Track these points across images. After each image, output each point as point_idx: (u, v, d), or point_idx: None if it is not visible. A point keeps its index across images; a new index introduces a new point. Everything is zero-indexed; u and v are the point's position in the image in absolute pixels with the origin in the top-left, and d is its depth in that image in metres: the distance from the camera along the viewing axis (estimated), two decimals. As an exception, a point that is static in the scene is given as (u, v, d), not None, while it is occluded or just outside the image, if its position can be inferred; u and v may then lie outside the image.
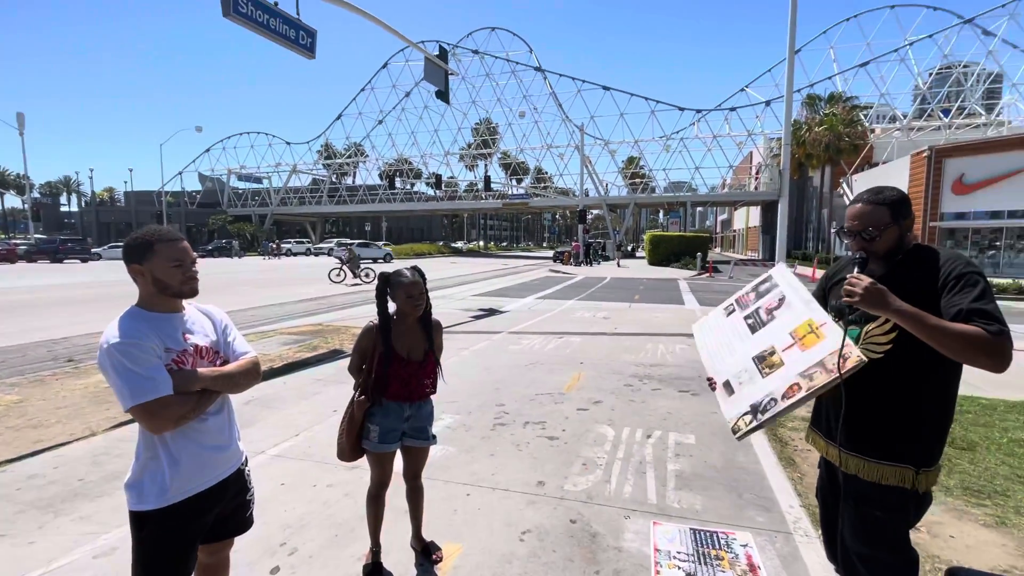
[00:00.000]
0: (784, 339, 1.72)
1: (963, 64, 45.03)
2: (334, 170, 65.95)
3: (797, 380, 1.60)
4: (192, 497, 1.60)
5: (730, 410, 1.75)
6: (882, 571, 1.63)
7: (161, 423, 1.49)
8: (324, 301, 13.92)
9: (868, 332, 1.66)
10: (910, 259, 1.66)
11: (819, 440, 1.87)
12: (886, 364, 1.60)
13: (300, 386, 5.60)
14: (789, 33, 11.64)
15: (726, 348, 1.93)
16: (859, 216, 1.69)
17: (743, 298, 2.04)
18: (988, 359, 1.39)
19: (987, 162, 23.94)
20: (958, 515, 3.01)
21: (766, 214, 45.31)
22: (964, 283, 1.50)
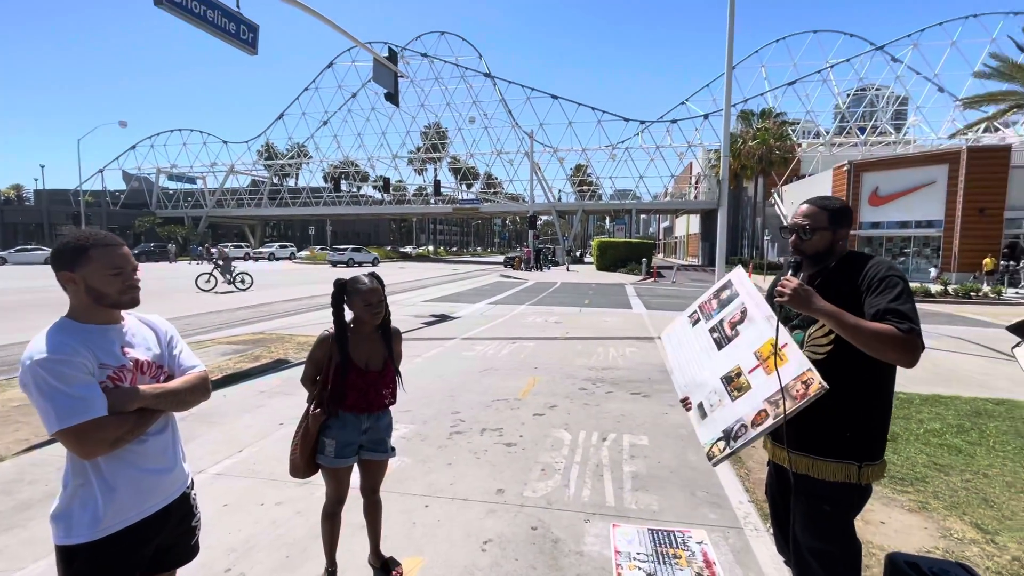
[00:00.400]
0: (749, 360, 1.77)
1: (876, 87, 49.43)
2: (275, 171, 63.23)
3: (764, 407, 1.65)
4: (130, 527, 1.45)
5: (704, 434, 1.80)
6: (831, 563, 1.73)
7: (93, 447, 1.34)
8: (265, 308, 13.27)
9: (811, 335, 1.77)
10: (843, 264, 1.79)
11: (767, 443, 1.96)
12: (827, 366, 1.69)
13: (242, 399, 5.28)
14: (727, 51, 12.31)
15: (695, 365, 1.97)
16: (803, 214, 1.84)
17: (706, 305, 2.09)
18: (898, 354, 1.52)
19: (898, 177, 26.30)
20: (886, 502, 3.25)
21: (705, 222, 47.58)
22: (885, 285, 1.63)
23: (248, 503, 3.16)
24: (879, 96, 49.30)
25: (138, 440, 1.45)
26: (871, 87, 49.34)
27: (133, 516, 1.46)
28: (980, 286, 19.33)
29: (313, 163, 63.84)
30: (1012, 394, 5.81)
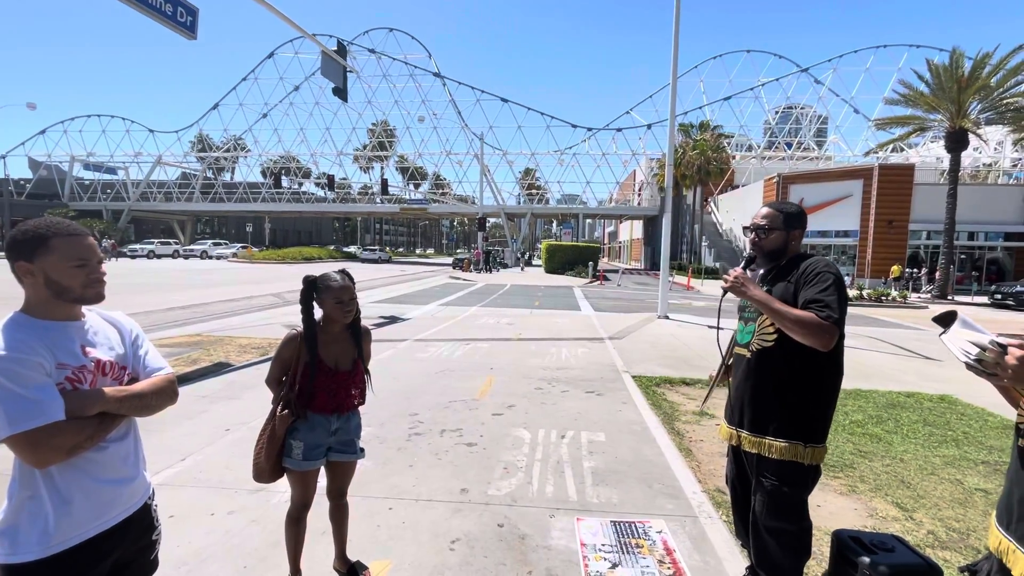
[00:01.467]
0: None
1: (801, 106, 53.41)
2: (209, 164, 59.51)
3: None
4: (86, 542, 1.33)
5: None
6: (787, 540, 1.88)
7: (47, 455, 1.22)
8: (199, 309, 12.46)
9: (760, 324, 1.97)
10: (791, 262, 2.01)
11: (725, 428, 2.15)
12: (774, 352, 1.91)
13: (181, 404, 4.87)
14: (672, 66, 12.90)
15: None
16: (763, 216, 2.06)
17: None
18: (814, 338, 1.73)
19: (821, 189, 28.51)
20: (821, 487, 3.53)
21: (648, 227, 49.48)
22: (817, 279, 1.85)
23: (197, 513, 2.98)
24: (804, 114, 53.36)
25: (97, 448, 1.33)
26: (797, 106, 53.31)
27: (90, 530, 1.34)
28: (889, 291, 21.32)
29: (251, 157, 60.68)
30: (918, 387, 6.46)
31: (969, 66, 20.87)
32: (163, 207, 54.64)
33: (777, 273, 2.02)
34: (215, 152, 59.93)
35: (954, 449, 4.34)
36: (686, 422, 4.88)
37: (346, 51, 14.78)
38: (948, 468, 3.93)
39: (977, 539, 2.91)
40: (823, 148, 52.39)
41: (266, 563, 2.51)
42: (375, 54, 56.20)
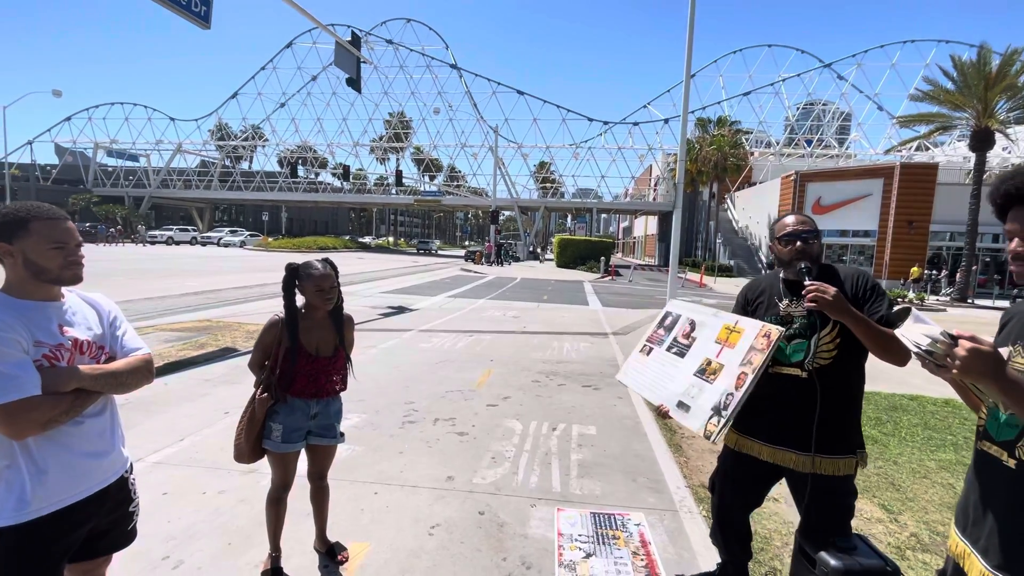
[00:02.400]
0: (713, 348, 1.97)
1: (823, 102, 52.25)
2: (227, 152, 60.32)
3: (742, 369, 1.83)
4: (61, 510, 1.40)
5: (694, 422, 1.89)
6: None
7: (22, 428, 1.29)
8: (212, 295, 12.73)
9: (819, 342, 1.86)
10: (823, 273, 1.91)
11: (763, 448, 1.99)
12: (832, 369, 1.85)
13: (185, 387, 5.10)
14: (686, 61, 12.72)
15: (664, 377, 2.10)
16: (800, 222, 1.96)
17: (653, 336, 2.29)
18: (901, 356, 1.72)
19: (839, 188, 27.95)
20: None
21: (663, 223, 49.03)
22: (877, 294, 1.84)
23: (189, 491, 3.08)
24: (825, 111, 52.17)
25: (73, 422, 1.41)
26: (818, 102, 52.17)
27: (65, 499, 1.41)
28: (907, 292, 20.88)
29: (269, 146, 61.36)
30: (924, 391, 6.36)
31: (997, 62, 20.20)
32: (182, 194, 55.60)
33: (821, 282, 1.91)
34: (233, 141, 60.69)
35: (952, 453, 4.27)
36: (680, 418, 4.88)
37: (360, 42, 14.85)
38: (942, 472, 3.88)
39: (961, 543, 2.88)
40: (844, 146, 51.24)
41: (250, 540, 2.60)
42: (392, 45, 56.27)
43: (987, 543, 1.19)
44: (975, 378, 1.07)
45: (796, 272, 1.90)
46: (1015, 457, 1.15)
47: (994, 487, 1.21)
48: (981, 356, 1.04)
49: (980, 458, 1.26)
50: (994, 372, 1.04)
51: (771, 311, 1.99)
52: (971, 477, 1.30)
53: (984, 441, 1.25)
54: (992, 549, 1.18)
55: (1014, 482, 1.15)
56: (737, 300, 2.20)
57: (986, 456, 1.24)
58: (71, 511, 1.43)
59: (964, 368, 1.05)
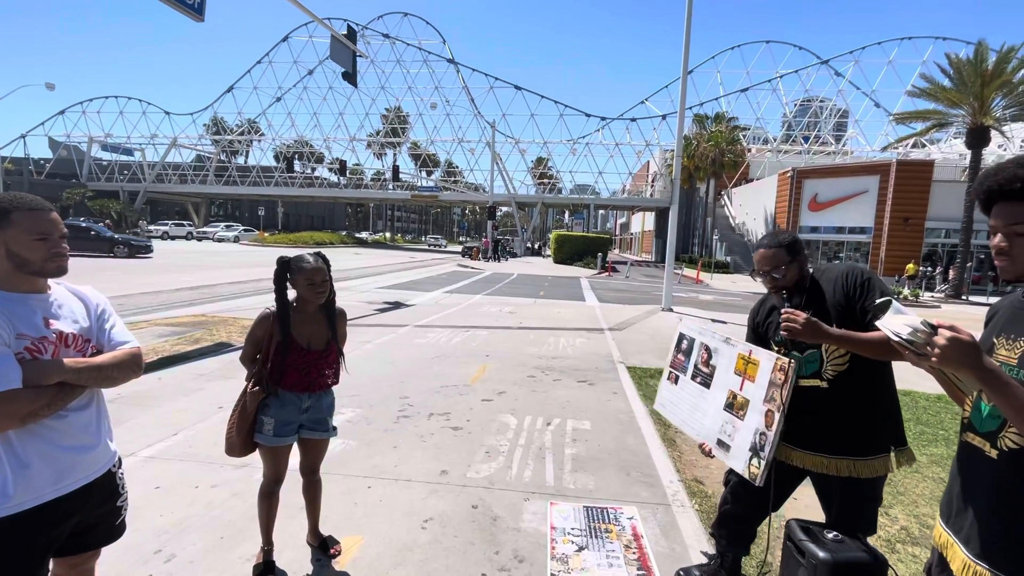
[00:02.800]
0: (734, 380, 2.02)
1: (820, 99, 52.27)
2: (223, 147, 59.99)
3: (767, 407, 1.88)
4: (45, 504, 1.38)
5: (737, 463, 1.97)
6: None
7: (1, 421, 1.27)
8: (207, 290, 12.68)
9: (829, 352, 1.89)
10: (815, 283, 1.95)
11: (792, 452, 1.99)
12: (848, 376, 1.86)
13: (179, 382, 5.08)
14: (683, 55, 12.70)
15: (697, 412, 2.18)
16: (763, 260, 1.97)
17: (675, 362, 2.36)
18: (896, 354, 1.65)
19: (836, 185, 28.02)
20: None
21: (660, 220, 49.06)
22: (867, 289, 1.81)
23: (182, 486, 3.08)
24: (823, 108, 52.20)
25: (56, 416, 1.39)
26: (816, 99, 52.19)
27: (48, 493, 1.39)
28: (902, 289, 20.98)
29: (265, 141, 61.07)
30: (917, 386, 6.39)
31: (993, 60, 20.24)
32: (178, 189, 55.30)
33: (809, 298, 1.93)
34: (229, 135, 60.35)
35: (943, 448, 4.31)
36: (674, 413, 4.90)
37: (356, 36, 14.76)
38: (933, 467, 3.91)
39: (950, 537, 2.91)
40: (841, 142, 51.32)
41: (243, 534, 2.59)
42: (389, 39, 56.02)
43: (969, 532, 1.21)
44: (954, 367, 1.07)
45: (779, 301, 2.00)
46: (997, 448, 1.16)
47: (977, 477, 1.22)
48: (960, 345, 1.05)
49: (964, 449, 1.27)
50: (973, 361, 1.05)
51: (779, 331, 1.95)
52: (955, 469, 1.31)
53: (968, 433, 1.26)
54: (973, 538, 1.19)
55: (996, 472, 1.16)
56: (748, 325, 2.23)
57: (970, 447, 1.25)
58: (55, 505, 1.41)
59: (943, 357, 1.06)
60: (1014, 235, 1.16)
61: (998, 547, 1.14)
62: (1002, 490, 1.15)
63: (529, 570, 2.42)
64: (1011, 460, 1.13)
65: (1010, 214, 1.16)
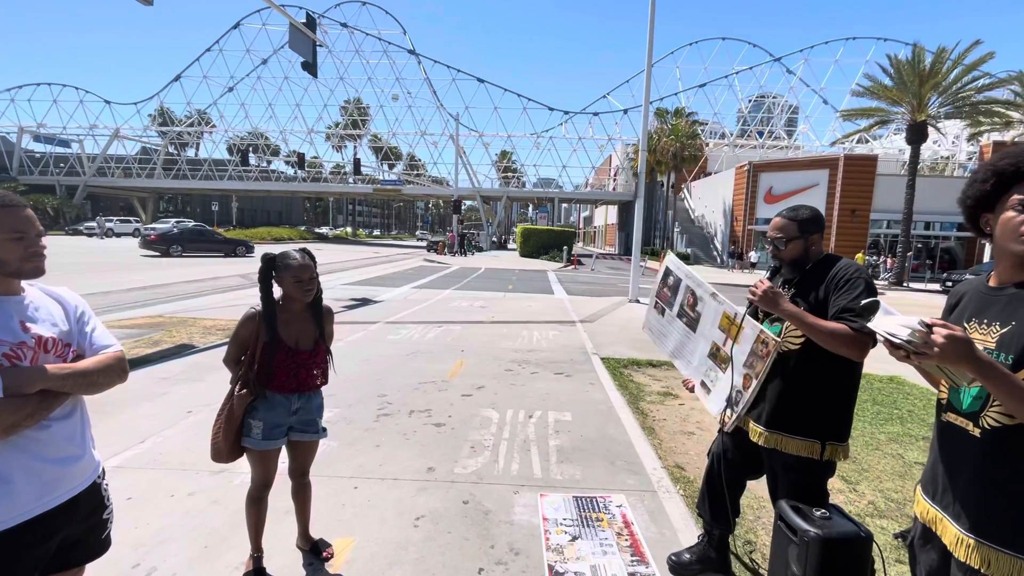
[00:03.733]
0: (718, 335, 2.10)
1: (773, 95, 54.30)
2: (171, 139, 56.95)
3: (746, 372, 1.97)
4: (29, 521, 1.30)
5: (712, 407, 2.06)
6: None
7: None
8: (162, 290, 12.07)
9: (787, 327, 1.96)
10: (817, 266, 1.99)
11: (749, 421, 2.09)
12: (800, 355, 1.92)
13: (141, 387, 4.81)
14: (647, 51, 12.91)
15: (686, 351, 2.28)
16: (775, 227, 2.05)
17: (661, 295, 2.43)
18: (848, 350, 1.74)
19: (789, 178, 29.23)
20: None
21: (622, 213, 49.94)
22: (849, 286, 1.84)
23: (156, 495, 2.93)
24: (775, 104, 54.26)
25: (39, 426, 1.30)
26: (769, 95, 54.18)
27: (33, 509, 1.31)
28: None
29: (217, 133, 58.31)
30: (870, 369, 6.78)
31: (930, 60, 21.53)
32: (122, 183, 52.15)
33: (803, 279, 1.99)
34: (177, 126, 57.33)
35: (899, 426, 4.60)
36: (650, 402, 5.03)
37: (315, 24, 14.28)
38: (892, 444, 4.16)
39: (912, 508, 3.11)
40: (793, 137, 53.54)
41: (227, 542, 2.50)
42: (347, 28, 54.41)
43: (958, 508, 1.27)
44: (953, 362, 1.12)
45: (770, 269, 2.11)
46: (980, 426, 1.23)
47: (961, 455, 1.29)
48: (957, 342, 1.10)
49: (946, 429, 1.34)
50: (969, 355, 1.10)
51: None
52: (936, 447, 1.38)
53: (948, 413, 1.33)
54: (963, 514, 1.25)
55: (980, 450, 1.23)
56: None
57: (952, 427, 1.31)
58: (40, 521, 1.32)
59: (943, 354, 1.10)
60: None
61: (987, 521, 1.22)
62: (987, 466, 1.22)
63: (526, 562, 2.44)
64: (994, 437, 1.20)
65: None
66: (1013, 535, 1.18)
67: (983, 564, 1.21)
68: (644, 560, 2.46)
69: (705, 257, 35.59)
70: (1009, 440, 1.18)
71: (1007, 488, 1.19)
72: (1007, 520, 1.19)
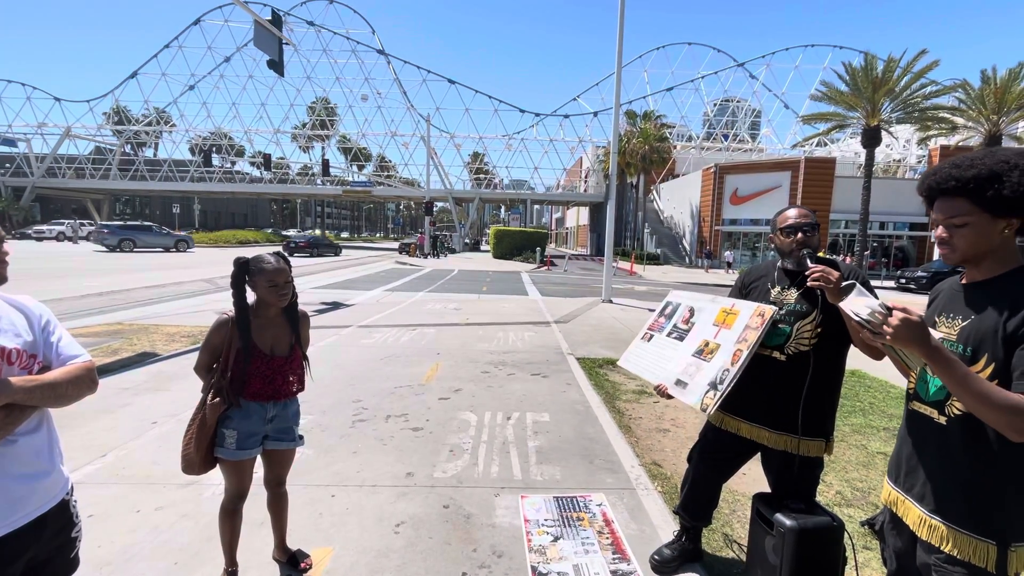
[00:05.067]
0: (710, 330, 2.11)
1: (737, 99, 55.97)
2: (128, 138, 54.62)
3: (737, 347, 1.96)
4: None
5: (690, 397, 2.00)
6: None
7: None
8: (120, 296, 11.55)
9: (799, 329, 1.98)
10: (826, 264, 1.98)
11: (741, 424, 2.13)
12: (809, 357, 1.95)
13: (101, 397, 4.59)
14: (617, 54, 13.11)
15: (663, 360, 2.24)
16: (802, 215, 2.07)
17: (654, 324, 2.44)
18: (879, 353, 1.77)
19: (753, 180, 30.14)
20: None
21: (594, 214, 50.51)
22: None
23: (120, 511, 2.80)
24: (739, 107, 55.93)
25: (5, 442, 1.23)
26: (733, 99, 55.86)
27: (0, 528, 1.24)
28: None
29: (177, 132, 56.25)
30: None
31: (881, 68, 22.58)
32: (74, 184, 49.71)
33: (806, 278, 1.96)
34: (134, 125, 55.03)
35: (861, 418, 4.79)
36: (626, 401, 5.09)
37: (281, 22, 13.95)
38: (855, 435, 4.34)
39: (877, 496, 3.25)
40: (756, 140, 55.29)
41: (199, 558, 2.41)
42: (314, 27, 53.36)
43: (922, 491, 1.35)
44: (904, 343, 1.21)
45: (798, 259, 1.98)
46: (945, 414, 1.31)
47: (926, 441, 1.37)
48: (911, 325, 1.19)
49: (912, 417, 1.42)
50: (920, 338, 1.19)
51: (763, 297, 2.11)
52: (903, 434, 1.46)
53: (915, 402, 1.42)
54: (928, 496, 1.34)
55: (944, 436, 1.31)
56: (735, 284, 2.33)
57: (917, 415, 1.40)
58: (6, 542, 1.25)
59: (896, 335, 1.20)
60: (952, 227, 1.31)
61: (952, 502, 1.29)
62: (951, 452, 1.30)
63: (509, 564, 2.43)
64: (958, 424, 1.28)
65: (948, 208, 1.32)
66: (972, 516, 1.26)
67: (944, 543, 1.28)
68: (626, 557, 2.49)
69: (674, 257, 36.34)
70: (971, 427, 1.25)
71: (968, 472, 1.27)
72: (967, 502, 1.27)
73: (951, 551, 1.27)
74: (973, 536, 1.25)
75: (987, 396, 1.13)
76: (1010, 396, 1.13)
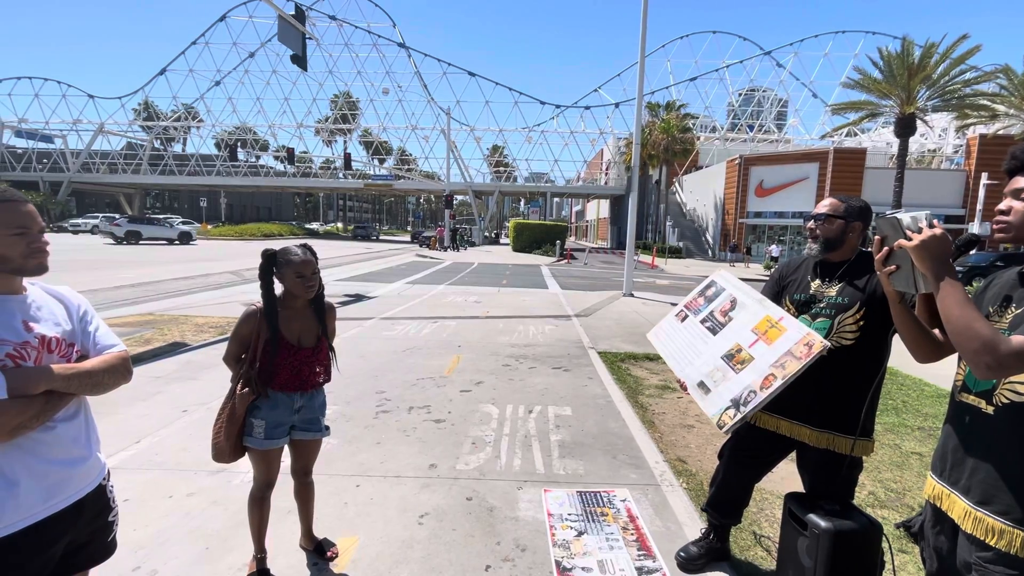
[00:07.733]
0: (747, 336, 1.94)
1: (763, 89, 54.55)
2: (157, 134, 56.06)
3: (771, 371, 1.81)
4: (35, 524, 1.26)
5: (710, 407, 1.90)
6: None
7: None
8: (152, 287, 11.89)
9: (841, 322, 1.91)
10: (860, 261, 1.96)
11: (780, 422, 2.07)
12: (849, 353, 1.89)
13: (134, 386, 4.72)
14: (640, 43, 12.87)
15: (691, 350, 2.10)
16: (825, 205, 2.02)
17: (692, 303, 2.26)
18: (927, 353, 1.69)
19: (779, 171, 29.39)
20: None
21: (614, 207, 49.98)
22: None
23: (153, 497, 2.88)
24: (765, 97, 54.51)
25: (44, 428, 1.27)
26: (759, 89, 54.46)
27: (39, 513, 1.27)
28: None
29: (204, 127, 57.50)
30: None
31: (918, 54, 21.69)
32: (108, 179, 51.30)
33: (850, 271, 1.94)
34: (163, 121, 56.43)
35: (894, 417, 4.64)
36: (649, 396, 5.03)
37: (305, 16, 14.07)
38: (888, 434, 4.20)
39: (912, 498, 3.14)
40: (783, 131, 53.86)
41: (228, 544, 2.46)
42: (336, 21, 53.77)
43: (968, 483, 1.30)
44: (928, 254, 1.24)
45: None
46: (993, 404, 1.26)
47: (973, 433, 1.32)
48: (939, 239, 1.24)
49: (959, 409, 1.37)
50: (942, 254, 1.24)
51: (802, 289, 2.04)
52: (948, 427, 1.41)
53: (963, 393, 1.36)
54: (974, 487, 1.29)
55: (992, 426, 1.27)
56: (772, 276, 2.25)
57: (965, 406, 1.34)
58: (46, 525, 1.29)
59: (924, 244, 1.25)
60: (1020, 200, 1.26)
61: (999, 492, 1.24)
62: (998, 441, 1.25)
63: (532, 558, 2.42)
64: (1007, 413, 1.24)
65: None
66: (1021, 506, 1.21)
67: (990, 535, 1.24)
68: (651, 554, 2.46)
69: (697, 251, 35.77)
70: (1020, 416, 1.21)
71: (1016, 461, 1.22)
72: (1014, 492, 1.22)
73: (996, 543, 1.22)
74: (1019, 528, 1.20)
75: (974, 320, 1.15)
76: (992, 329, 1.14)
